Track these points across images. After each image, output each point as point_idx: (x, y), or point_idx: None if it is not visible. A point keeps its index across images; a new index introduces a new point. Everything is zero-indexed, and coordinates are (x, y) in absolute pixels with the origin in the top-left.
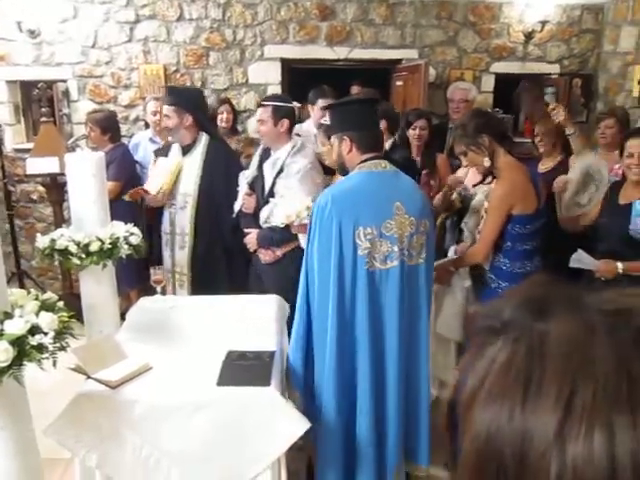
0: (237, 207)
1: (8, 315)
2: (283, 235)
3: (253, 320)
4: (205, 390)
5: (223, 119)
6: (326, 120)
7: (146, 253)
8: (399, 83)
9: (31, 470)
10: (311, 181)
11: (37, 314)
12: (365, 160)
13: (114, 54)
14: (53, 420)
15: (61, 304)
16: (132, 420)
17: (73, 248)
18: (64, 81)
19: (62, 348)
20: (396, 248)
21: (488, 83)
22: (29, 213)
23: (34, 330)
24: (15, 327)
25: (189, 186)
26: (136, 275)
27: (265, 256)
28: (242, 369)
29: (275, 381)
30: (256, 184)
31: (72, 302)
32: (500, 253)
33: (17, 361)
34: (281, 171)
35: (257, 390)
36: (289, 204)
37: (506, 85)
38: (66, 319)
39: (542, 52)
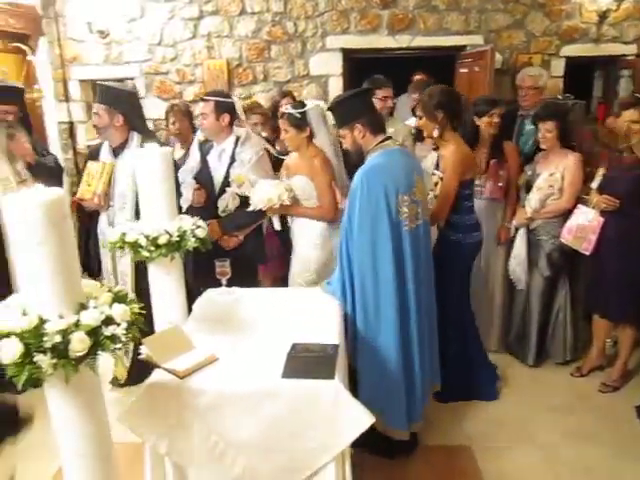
0: (185, 203)
1: (83, 306)
2: (250, 218)
3: (315, 313)
4: (270, 382)
5: None
6: (287, 108)
7: (82, 258)
8: (463, 70)
9: (105, 455)
10: (261, 168)
11: (110, 306)
12: (381, 142)
13: (179, 51)
14: (126, 408)
15: (133, 296)
16: (199, 410)
17: (142, 241)
18: (132, 79)
19: (134, 339)
20: (420, 209)
21: (558, 67)
22: None
23: (108, 321)
24: (90, 318)
25: (125, 187)
26: None
27: (229, 243)
28: (306, 361)
29: (339, 374)
30: (202, 177)
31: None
32: (453, 212)
33: (92, 351)
34: (233, 161)
35: (321, 383)
36: (262, 190)
37: (578, 69)
38: (137, 311)
39: (618, 32)
